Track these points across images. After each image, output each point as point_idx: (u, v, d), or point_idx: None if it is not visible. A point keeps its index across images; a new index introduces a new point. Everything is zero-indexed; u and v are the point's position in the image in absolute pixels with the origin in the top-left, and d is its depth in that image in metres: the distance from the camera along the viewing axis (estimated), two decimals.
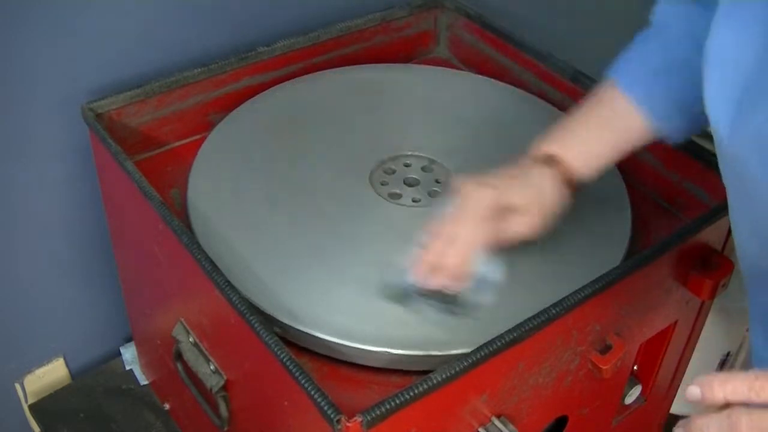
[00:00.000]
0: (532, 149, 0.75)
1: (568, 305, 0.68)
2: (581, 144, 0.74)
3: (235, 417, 0.78)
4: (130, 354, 1.10)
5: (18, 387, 1.08)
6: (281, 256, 0.78)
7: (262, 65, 0.98)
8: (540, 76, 1.02)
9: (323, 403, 0.59)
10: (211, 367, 0.77)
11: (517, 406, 0.70)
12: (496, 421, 0.68)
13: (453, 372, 0.62)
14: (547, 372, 0.71)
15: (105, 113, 0.88)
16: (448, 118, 0.97)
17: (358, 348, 0.70)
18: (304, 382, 0.61)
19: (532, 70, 1.03)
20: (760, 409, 0.46)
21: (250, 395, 0.74)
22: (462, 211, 0.70)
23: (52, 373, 1.10)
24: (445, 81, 1.05)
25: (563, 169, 0.72)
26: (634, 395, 0.90)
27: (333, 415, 0.58)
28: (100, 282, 1.07)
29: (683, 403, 1.06)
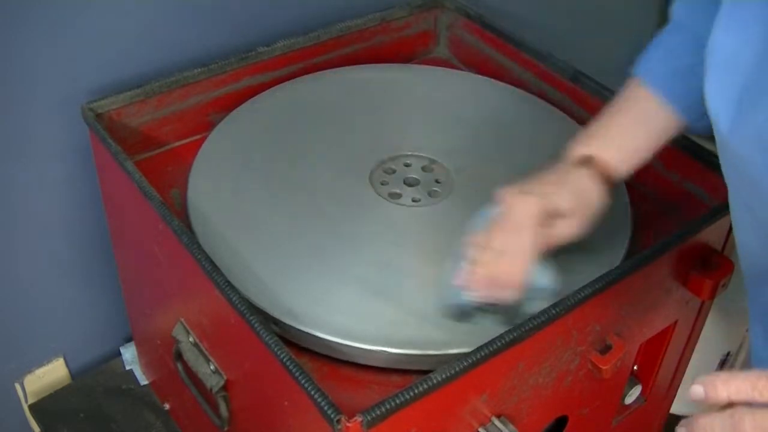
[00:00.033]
0: (566, 152, 0.76)
1: (568, 305, 0.68)
2: (616, 143, 0.75)
3: (235, 417, 0.78)
4: (130, 354, 1.10)
5: (18, 387, 1.08)
6: (281, 256, 0.78)
7: (262, 65, 0.98)
8: (540, 76, 1.02)
9: (323, 403, 0.59)
10: (211, 367, 0.77)
11: (517, 406, 0.70)
12: (496, 421, 0.68)
13: (453, 372, 0.62)
14: (547, 372, 0.71)
15: (105, 113, 0.88)
16: (448, 118, 0.97)
17: (358, 347, 0.70)
18: (304, 382, 0.61)
19: (532, 70, 1.03)
20: (763, 409, 0.46)
21: (250, 395, 0.74)
22: (511, 222, 0.70)
23: (52, 373, 1.10)
24: (445, 81, 1.05)
25: (601, 169, 0.73)
26: (634, 395, 0.90)
27: (333, 415, 0.58)
28: (100, 282, 1.07)
29: (683, 403, 1.06)
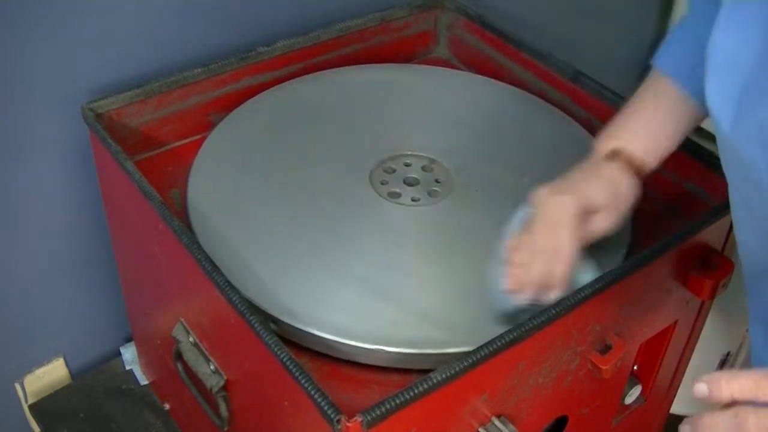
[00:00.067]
0: (594, 148, 0.76)
1: (568, 305, 0.68)
2: (643, 135, 0.75)
3: (235, 417, 0.78)
4: (130, 354, 1.10)
5: (18, 387, 1.08)
6: (281, 256, 0.78)
7: (262, 65, 0.98)
8: (540, 76, 1.02)
9: (323, 403, 0.59)
10: (211, 367, 0.77)
11: (517, 406, 0.70)
12: (496, 421, 0.68)
13: (453, 372, 0.62)
14: (547, 372, 0.71)
15: (105, 113, 0.88)
16: (448, 118, 0.97)
17: (358, 346, 0.70)
18: (304, 382, 0.61)
19: (532, 70, 1.02)
20: (767, 409, 0.46)
21: (250, 395, 0.74)
22: (552, 222, 0.70)
23: (52, 373, 1.10)
24: (445, 81, 1.05)
25: (630, 161, 0.74)
26: (634, 395, 0.90)
27: (333, 415, 0.58)
28: (100, 282, 1.07)
29: (683, 403, 1.05)
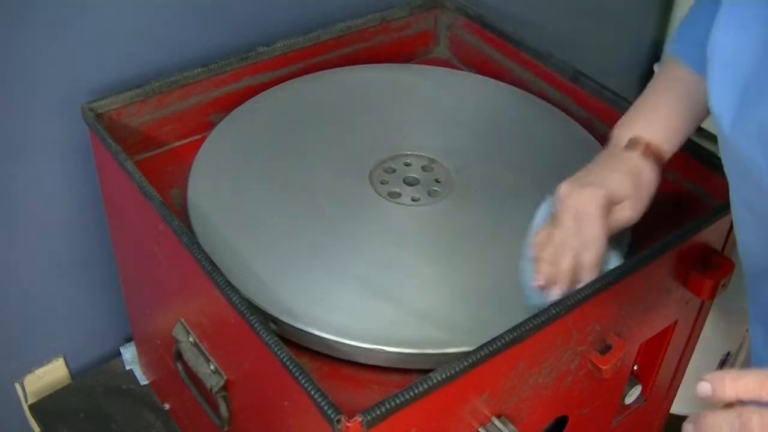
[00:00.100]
0: (612, 137, 0.76)
1: (568, 305, 0.68)
2: (661, 123, 0.75)
3: (235, 417, 0.78)
4: (130, 354, 1.10)
5: (18, 387, 1.08)
6: (281, 256, 0.78)
7: (262, 65, 0.98)
8: (540, 76, 1.02)
9: (323, 403, 0.59)
10: (211, 367, 0.77)
11: (517, 406, 0.70)
12: (496, 421, 0.68)
13: (453, 372, 0.62)
14: (547, 372, 0.71)
15: (105, 113, 0.88)
16: (448, 118, 0.97)
17: (358, 346, 0.70)
18: (304, 382, 0.61)
19: (532, 70, 1.02)
20: None
21: (250, 395, 0.74)
22: (581, 216, 0.71)
23: (52, 373, 1.10)
24: (445, 81, 1.05)
25: (650, 149, 0.74)
26: (634, 395, 0.90)
27: (333, 415, 0.58)
28: (100, 282, 1.07)
29: (683, 403, 1.05)
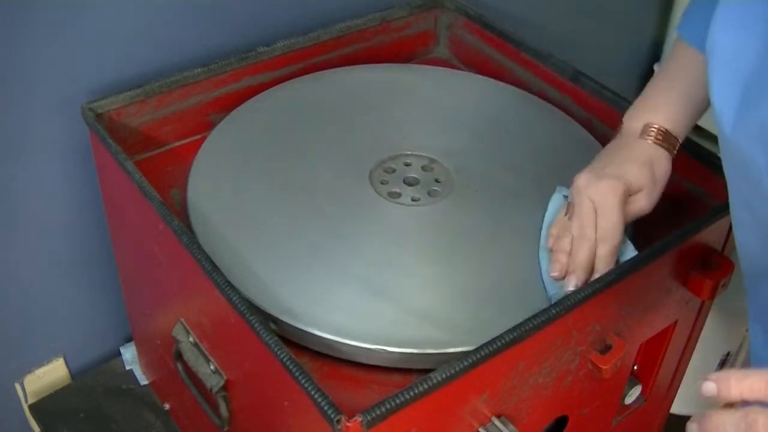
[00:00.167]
0: (623, 125, 0.76)
1: (568, 305, 0.68)
2: (672, 109, 0.75)
3: (235, 417, 0.78)
4: (130, 354, 1.10)
5: (18, 387, 1.08)
6: (281, 256, 0.78)
7: (262, 65, 0.98)
8: (540, 76, 1.02)
9: (323, 403, 0.59)
10: (211, 367, 0.77)
11: (517, 406, 0.70)
12: (496, 421, 0.68)
13: (453, 372, 0.62)
14: (547, 372, 0.71)
15: (105, 113, 0.88)
16: (448, 118, 0.97)
17: (358, 346, 0.70)
18: (304, 382, 0.61)
19: (532, 70, 1.02)
20: None
21: (250, 395, 0.74)
22: (600, 207, 0.71)
23: (52, 373, 1.10)
24: (445, 81, 1.05)
25: (662, 136, 0.74)
26: (634, 395, 0.90)
27: (333, 415, 0.58)
28: (100, 282, 1.07)
29: (683, 403, 1.05)
